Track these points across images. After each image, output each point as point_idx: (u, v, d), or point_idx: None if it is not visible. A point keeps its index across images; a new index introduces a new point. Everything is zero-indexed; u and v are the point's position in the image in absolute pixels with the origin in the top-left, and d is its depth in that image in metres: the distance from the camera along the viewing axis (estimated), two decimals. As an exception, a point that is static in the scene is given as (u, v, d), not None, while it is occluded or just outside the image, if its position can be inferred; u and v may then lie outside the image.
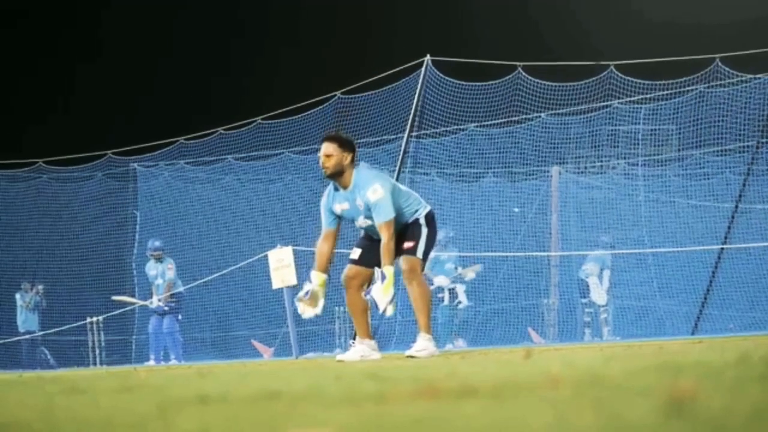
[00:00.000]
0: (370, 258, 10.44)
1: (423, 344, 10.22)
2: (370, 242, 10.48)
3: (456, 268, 21.31)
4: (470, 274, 21.23)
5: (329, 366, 8.47)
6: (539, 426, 2.35)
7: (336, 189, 10.41)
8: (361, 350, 10.50)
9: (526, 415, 2.56)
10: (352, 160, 10.35)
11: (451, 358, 8.69)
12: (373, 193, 10.16)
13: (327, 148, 10.34)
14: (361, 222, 10.41)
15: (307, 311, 10.51)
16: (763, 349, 6.27)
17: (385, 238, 10.14)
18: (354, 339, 11.01)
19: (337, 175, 10.29)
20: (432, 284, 21.00)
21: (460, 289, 21.19)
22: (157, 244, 22.24)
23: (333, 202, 10.45)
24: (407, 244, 10.38)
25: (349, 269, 10.57)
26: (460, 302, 21.20)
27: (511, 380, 3.82)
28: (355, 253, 10.57)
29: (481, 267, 21.54)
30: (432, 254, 21.00)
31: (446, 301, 21.11)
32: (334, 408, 3.05)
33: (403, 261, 10.38)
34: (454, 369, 5.43)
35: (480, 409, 2.77)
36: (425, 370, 5.46)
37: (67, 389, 5.37)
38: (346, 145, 10.41)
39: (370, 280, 10.37)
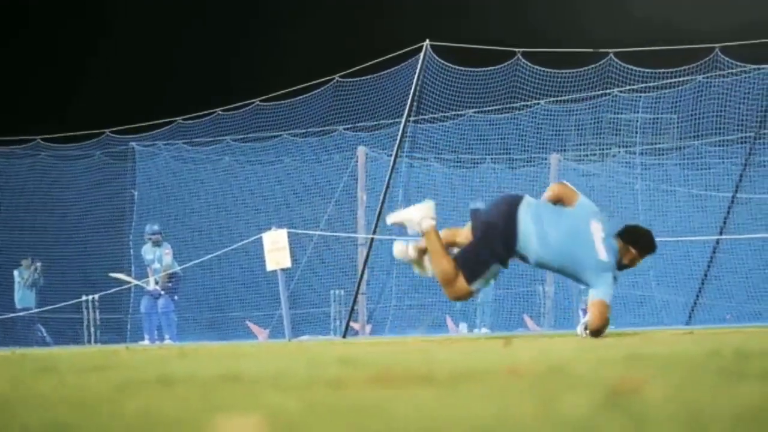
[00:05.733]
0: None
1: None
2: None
3: None
4: None
5: (312, 349, 8.48)
6: (479, 416, 2.34)
7: None
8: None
9: (471, 405, 2.56)
10: None
11: (431, 344, 8.69)
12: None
13: None
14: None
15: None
16: (739, 342, 6.27)
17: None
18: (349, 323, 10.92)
19: None
20: None
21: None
22: (156, 228, 22.19)
23: None
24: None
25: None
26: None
27: (474, 369, 3.82)
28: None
29: None
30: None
31: None
32: (288, 392, 3.05)
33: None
34: (427, 356, 5.43)
35: (431, 398, 2.76)
36: (396, 356, 5.46)
37: (41, 368, 5.38)
38: None
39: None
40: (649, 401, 2.40)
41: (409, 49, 20.45)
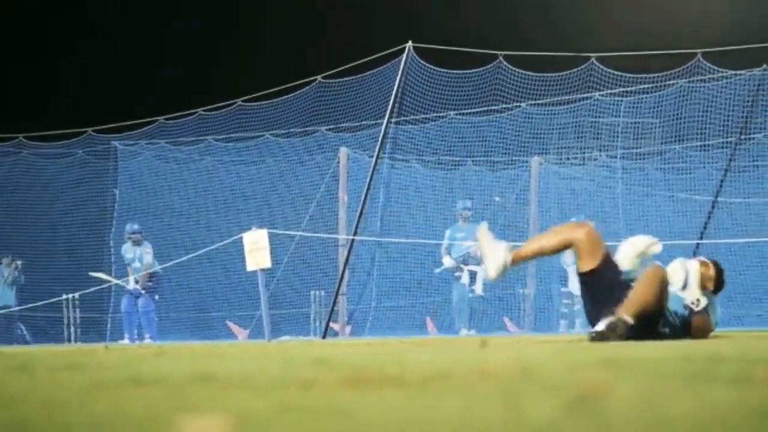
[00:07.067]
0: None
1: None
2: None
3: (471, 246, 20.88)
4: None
5: (290, 350, 8.47)
6: (446, 418, 2.35)
7: None
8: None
9: (440, 406, 2.56)
10: None
11: (408, 345, 8.69)
12: None
13: None
14: None
15: None
16: (713, 346, 6.28)
17: None
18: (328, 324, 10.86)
19: None
20: (441, 266, 20.92)
21: (481, 274, 20.80)
22: (136, 227, 22.17)
23: None
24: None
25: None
26: (473, 290, 20.90)
27: (447, 370, 3.82)
28: None
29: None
30: (448, 231, 20.88)
31: (464, 280, 20.85)
32: (259, 392, 3.04)
33: None
34: (401, 357, 5.43)
35: (401, 400, 2.76)
36: (372, 357, 5.45)
37: (15, 366, 5.34)
38: None
39: None
40: (616, 404, 2.41)
41: (391, 50, 20.50)
